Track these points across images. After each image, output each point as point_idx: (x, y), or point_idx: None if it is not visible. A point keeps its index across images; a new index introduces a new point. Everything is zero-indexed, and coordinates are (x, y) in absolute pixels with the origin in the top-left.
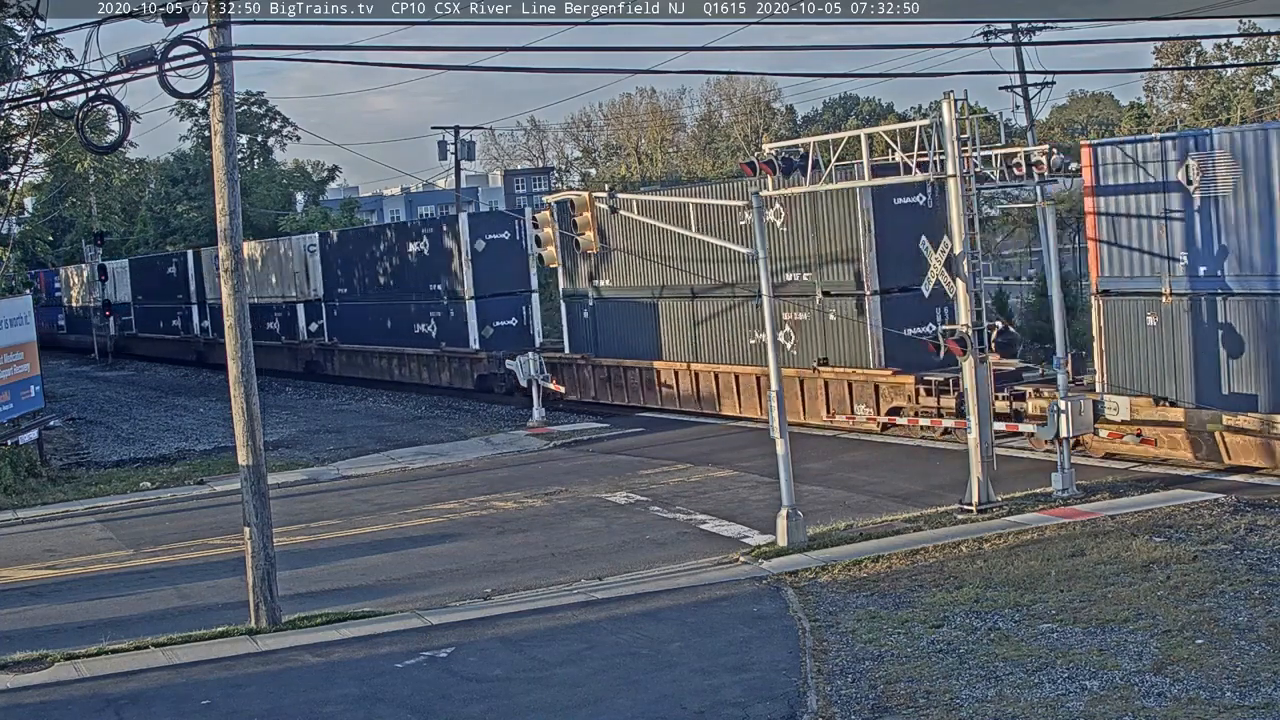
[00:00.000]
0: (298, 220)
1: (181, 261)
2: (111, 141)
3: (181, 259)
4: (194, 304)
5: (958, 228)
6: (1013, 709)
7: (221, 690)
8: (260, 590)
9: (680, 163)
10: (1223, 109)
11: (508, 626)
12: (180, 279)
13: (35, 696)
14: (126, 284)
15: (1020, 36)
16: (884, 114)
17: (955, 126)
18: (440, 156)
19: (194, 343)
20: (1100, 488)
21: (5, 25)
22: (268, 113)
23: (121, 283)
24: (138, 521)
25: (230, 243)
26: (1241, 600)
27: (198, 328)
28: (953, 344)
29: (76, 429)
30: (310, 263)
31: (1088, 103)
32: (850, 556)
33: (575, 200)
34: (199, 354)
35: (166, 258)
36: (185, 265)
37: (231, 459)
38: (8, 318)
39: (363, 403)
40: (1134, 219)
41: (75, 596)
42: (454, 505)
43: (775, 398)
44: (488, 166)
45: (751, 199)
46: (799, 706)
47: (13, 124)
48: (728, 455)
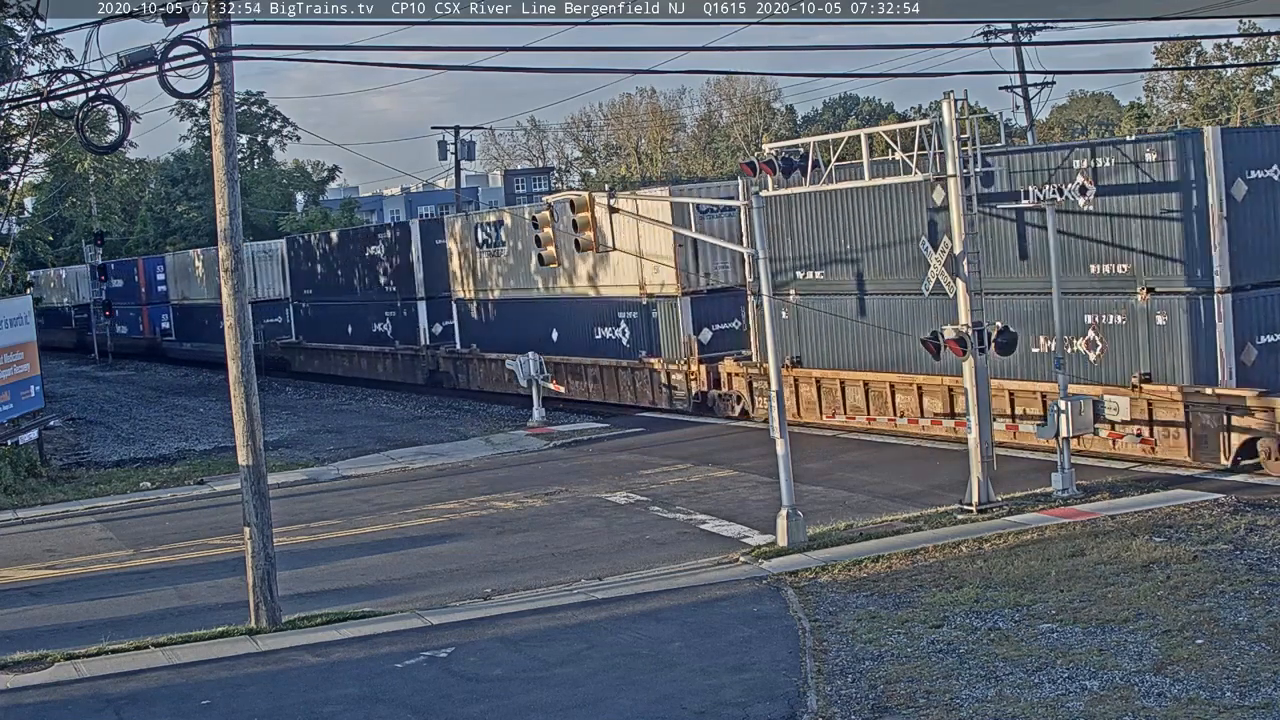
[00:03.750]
0: (298, 220)
1: (398, 236)
2: (111, 141)
3: (401, 231)
4: (416, 299)
5: (958, 228)
6: (1013, 709)
7: (221, 690)
8: (260, 590)
9: (680, 163)
10: (1223, 109)
11: (508, 626)
12: (390, 262)
13: (35, 696)
14: (278, 273)
15: (1020, 36)
16: (884, 114)
17: (955, 126)
18: (440, 156)
19: (422, 358)
20: (1100, 488)
21: (5, 25)
22: (268, 113)
23: (267, 272)
24: (138, 521)
25: (230, 243)
26: (1241, 600)
27: (425, 334)
28: (952, 343)
29: (76, 429)
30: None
31: (1088, 103)
32: (850, 556)
33: (575, 200)
34: (431, 374)
35: (364, 233)
36: (404, 240)
37: (231, 459)
38: (8, 318)
39: (363, 403)
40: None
41: (75, 596)
42: (454, 505)
43: (775, 398)
44: (488, 166)
45: (751, 199)
46: (799, 706)
47: (13, 124)
48: (728, 455)
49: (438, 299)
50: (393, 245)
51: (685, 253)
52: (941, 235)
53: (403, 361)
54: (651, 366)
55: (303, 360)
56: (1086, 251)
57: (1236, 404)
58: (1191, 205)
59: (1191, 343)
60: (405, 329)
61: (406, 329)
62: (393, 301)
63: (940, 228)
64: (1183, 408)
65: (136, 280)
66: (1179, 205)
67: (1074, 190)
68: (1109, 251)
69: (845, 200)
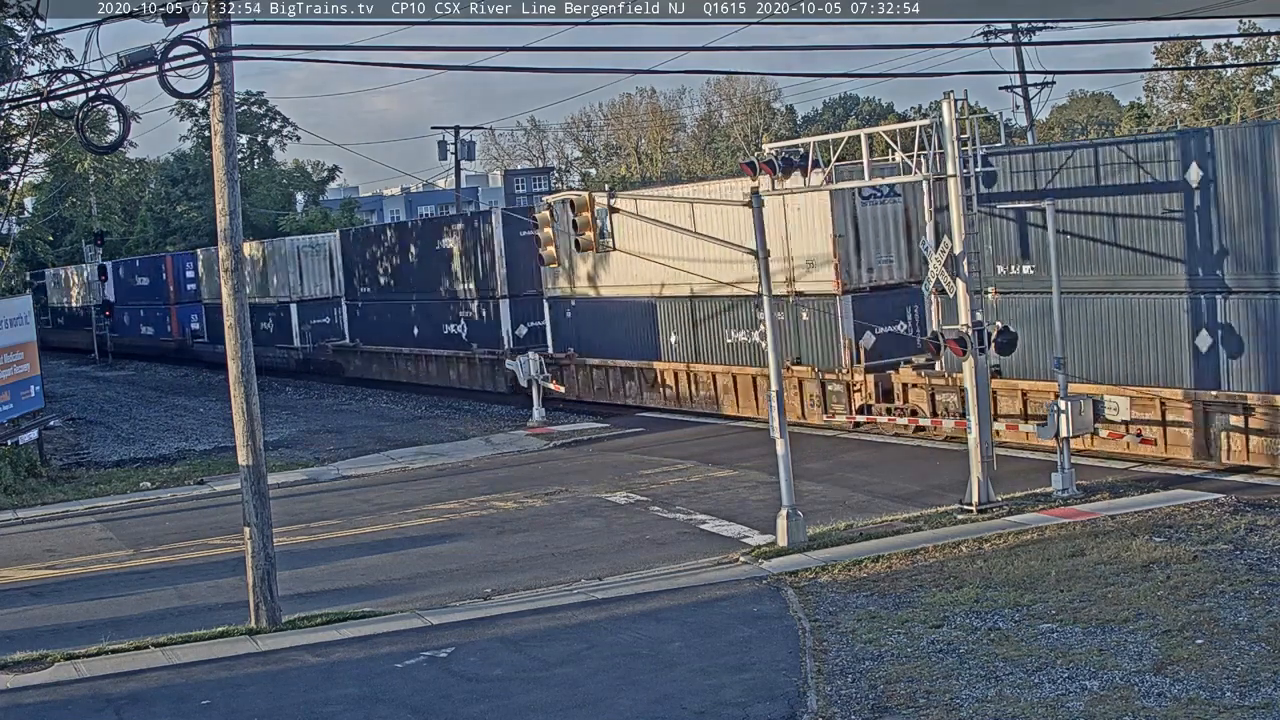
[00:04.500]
0: (298, 220)
1: (476, 227)
2: (111, 141)
3: (478, 221)
4: (497, 297)
5: (958, 227)
6: (1013, 709)
7: (221, 690)
8: (260, 590)
9: (680, 163)
10: (1223, 109)
11: (508, 626)
12: (466, 258)
13: (35, 696)
14: (326, 269)
15: (1020, 36)
16: (884, 114)
17: (955, 126)
18: (440, 156)
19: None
20: (1100, 488)
21: (5, 25)
22: (268, 113)
23: (314, 268)
24: (138, 521)
25: (230, 243)
26: (1241, 600)
27: (509, 337)
28: (953, 343)
29: (76, 429)
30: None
31: (1088, 103)
32: (850, 556)
33: (575, 200)
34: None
35: (433, 224)
36: (482, 231)
37: (231, 459)
38: (8, 318)
39: (363, 402)
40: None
41: (75, 596)
42: (454, 505)
43: (775, 398)
44: (488, 166)
45: (751, 198)
46: (799, 706)
47: (13, 124)
48: (728, 455)
49: (522, 298)
50: (468, 238)
51: (846, 243)
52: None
53: (481, 367)
54: (803, 377)
55: (359, 365)
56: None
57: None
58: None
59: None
60: (483, 331)
61: (485, 331)
62: (468, 301)
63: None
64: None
65: (164, 278)
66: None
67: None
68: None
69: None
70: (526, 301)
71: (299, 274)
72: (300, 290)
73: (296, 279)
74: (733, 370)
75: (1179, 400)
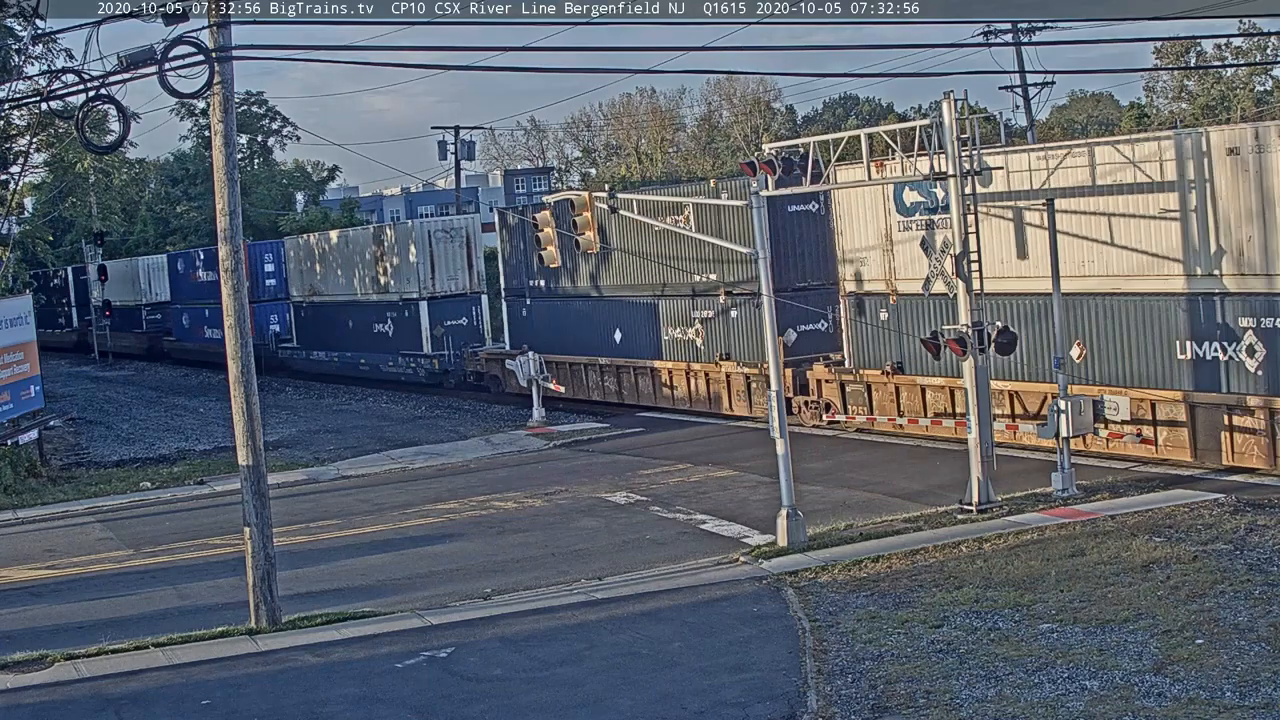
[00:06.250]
0: (298, 220)
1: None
2: (111, 141)
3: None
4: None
5: (958, 227)
6: (1013, 709)
7: (221, 690)
8: (260, 590)
9: (680, 163)
10: (1223, 109)
11: (508, 626)
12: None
13: (35, 696)
14: (462, 260)
15: (1020, 36)
16: (884, 114)
17: (955, 126)
18: (440, 156)
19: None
20: (1100, 488)
21: (5, 25)
22: (267, 113)
23: (448, 258)
24: (138, 521)
25: (230, 243)
26: (1241, 600)
27: None
28: (953, 343)
29: (76, 429)
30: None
31: (1088, 103)
32: (850, 556)
33: (575, 200)
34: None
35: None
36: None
37: (231, 459)
38: (8, 318)
39: (363, 403)
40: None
41: (75, 596)
42: (454, 505)
43: (775, 398)
44: (488, 166)
45: (751, 199)
46: (799, 706)
47: (13, 124)
48: (727, 455)
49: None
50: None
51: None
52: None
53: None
54: (730, 371)
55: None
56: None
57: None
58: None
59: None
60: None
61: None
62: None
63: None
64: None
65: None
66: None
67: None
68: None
69: None
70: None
71: (429, 266)
72: (431, 286)
73: (428, 272)
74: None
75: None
